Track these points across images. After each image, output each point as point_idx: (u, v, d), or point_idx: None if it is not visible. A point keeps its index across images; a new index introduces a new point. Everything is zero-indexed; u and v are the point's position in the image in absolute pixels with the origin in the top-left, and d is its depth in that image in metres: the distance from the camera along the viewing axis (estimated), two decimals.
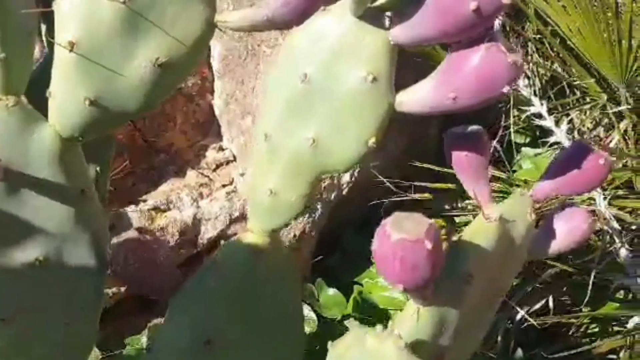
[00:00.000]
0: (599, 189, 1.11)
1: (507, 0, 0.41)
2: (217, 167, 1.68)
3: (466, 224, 1.14)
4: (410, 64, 0.58)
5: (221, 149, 1.72)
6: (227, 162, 1.70)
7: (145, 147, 1.62)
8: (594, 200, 1.12)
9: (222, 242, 1.53)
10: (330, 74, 0.52)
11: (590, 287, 1.06)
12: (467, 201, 1.39)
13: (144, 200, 1.52)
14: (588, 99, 1.55)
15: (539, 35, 1.59)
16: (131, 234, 1.38)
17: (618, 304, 1.16)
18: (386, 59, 0.50)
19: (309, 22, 0.53)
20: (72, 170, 0.58)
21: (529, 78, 1.62)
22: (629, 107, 1.42)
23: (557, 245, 0.58)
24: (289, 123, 0.55)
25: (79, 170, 0.59)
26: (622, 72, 1.43)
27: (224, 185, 1.62)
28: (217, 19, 0.56)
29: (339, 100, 0.52)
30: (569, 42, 1.48)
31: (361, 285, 1.49)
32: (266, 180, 0.58)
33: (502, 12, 0.42)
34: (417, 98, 0.50)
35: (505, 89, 0.45)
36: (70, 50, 0.53)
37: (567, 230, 0.57)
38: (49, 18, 0.54)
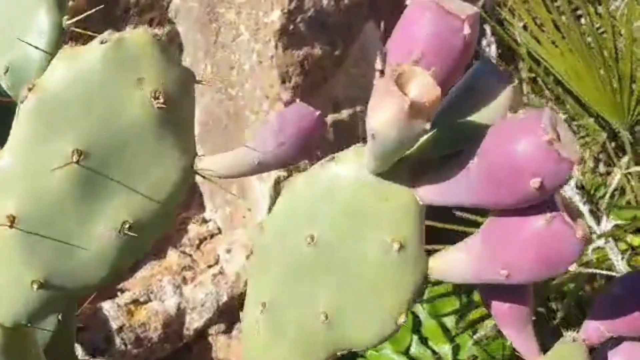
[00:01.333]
0: None
1: (574, 171, 0.31)
2: (201, 242, 1.56)
3: None
4: None
5: (204, 221, 1.60)
6: (212, 236, 1.58)
7: None
8: None
9: (210, 331, 1.40)
10: (344, 239, 0.41)
11: None
12: None
13: (121, 291, 1.38)
14: (588, 139, 1.50)
15: (532, 75, 1.55)
16: None
17: None
18: (414, 222, 0.40)
19: (314, 172, 0.42)
20: None
21: None
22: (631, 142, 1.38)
23: None
24: (293, 293, 0.44)
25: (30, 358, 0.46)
26: (624, 115, 1.39)
27: (209, 266, 1.49)
28: (200, 166, 0.45)
29: (356, 271, 0.41)
30: (565, 83, 1.44)
31: (364, 358, 1.37)
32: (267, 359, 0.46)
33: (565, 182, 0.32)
34: (455, 267, 0.40)
35: (573, 267, 0.35)
36: (11, 226, 0.41)
37: None
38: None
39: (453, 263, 0.40)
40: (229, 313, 1.41)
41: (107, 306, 1.33)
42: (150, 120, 0.42)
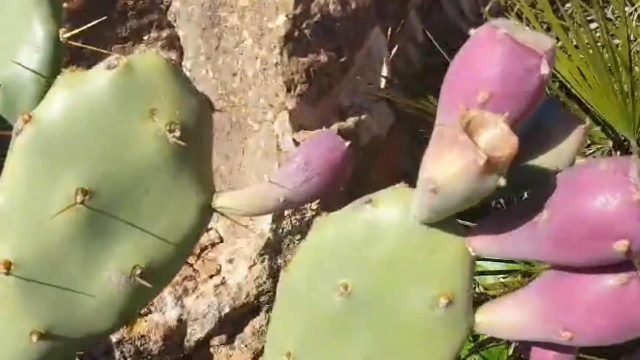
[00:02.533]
0: None
1: None
2: (202, 251, 1.51)
3: None
4: None
5: (206, 229, 1.56)
6: (213, 245, 1.54)
7: None
8: None
9: (211, 342, 1.36)
10: (383, 290, 0.37)
11: None
12: None
13: None
14: (593, 148, 1.47)
15: None
16: None
17: None
18: (464, 274, 0.35)
19: (347, 213, 0.38)
20: None
21: None
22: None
23: None
24: (322, 345, 0.40)
25: None
26: (632, 123, 1.35)
27: (210, 276, 1.45)
28: (219, 204, 0.41)
29: (395, 327, 0.37)
30: (570, 88, 1.40)
31: None
32: None
33: None
34: (507, 324, 0.36)
35: None
36: (7, 273, 0.36)
37: None
38: None
39: (504, 319, 0.36)
40: (231, 324, 1.37)
41: None
42: (165, 155, 0.38)
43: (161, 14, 1.48)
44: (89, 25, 0.56)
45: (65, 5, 1.02)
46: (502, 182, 0.26)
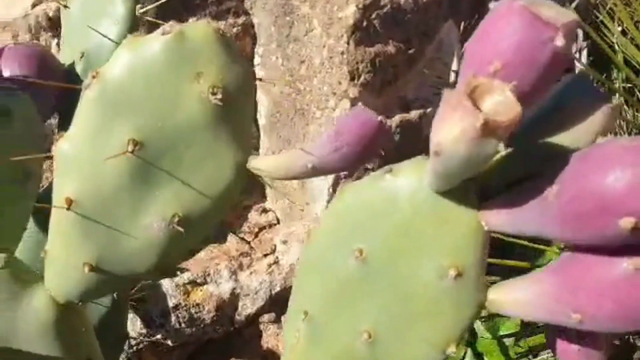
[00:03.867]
0: None
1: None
2: (260, 231, 1.58)
3: None
4: None
5: (264, 210, 1.62)
6: (270, 226, 1.60)
7: None
8: None
9: (261, 319, 1.42)
10: (396, 258, 0.38)
11: None
12: None
13: (182, 270, 1.43)
14: None
15: (629, 85, 1.39)
16: None
17: None
18: (476, 248, 0.36)
19: (368, 182, 0.39)
20: (71, 341, 0.47)
21: (615, 134, 1.41)
22: None
23: None
24: (336, 306, 0.41)
25: (80, 339, 0.47)
26: None
27: (265, 255, 1.51)
28: (252, 165, 0.44)
29: (405, 294, 0.38)
30: None
31: None
32: None
33: None
34: (519, 303, 0.35)
35: None
36: (68, 209, 0.42)
37: None
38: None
39: (516, 298, 0.35)
40: (281, 303, 1.41)
41: (167, 284, 1.38)
42: (206, 116, 0.42)
43: (239, 1, 1.55)
44: (160, 1, 0.62)
45: None
46: (501, 147, 0.27)
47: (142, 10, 0.59)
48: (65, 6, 0.59)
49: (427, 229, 0.36)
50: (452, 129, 0.27)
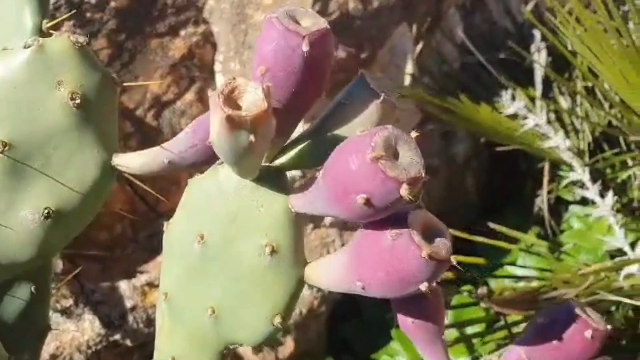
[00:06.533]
0: None
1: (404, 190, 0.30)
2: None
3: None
4: None
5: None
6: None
7: (147, 211, 1.59)
8: None
9: None
10: (228, 240, 0.43)
11: None
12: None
13: (140, 272, 1.47)
14: None
15: (590, 84, 1.41)
16: None
17: None
18: (288, 228, 0.41)
19: (208, 174, 0.44)
20: None
21: (577, 133, 1.43)
22: None
23: None
24: (187, 286, 0.46)
25: None
26: None
27: None
28: (115, 162, 0.49)
29: (237, 272, 0.43)
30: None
31: None
32: (170, 346, 0.49)
33: (402, 200, 0.32)
34: (325, 275, 0.40)
35: (424, 287, 0.35)
36: None
37: None
38: None
39: (323, 272, 0.40)
40: None
41: (124, 285, 1.42)
42: (69, 119, 0.47)
43: (197, 11, 1.61)
44: (62, 18, 0.67)
45: (113, 4, 1.16)
46: (252, 138, 0.32)
47: (48, 25, 0.64)
48: None
49: (248, 214, 0.41)
50: (214, 124, 0.32)
